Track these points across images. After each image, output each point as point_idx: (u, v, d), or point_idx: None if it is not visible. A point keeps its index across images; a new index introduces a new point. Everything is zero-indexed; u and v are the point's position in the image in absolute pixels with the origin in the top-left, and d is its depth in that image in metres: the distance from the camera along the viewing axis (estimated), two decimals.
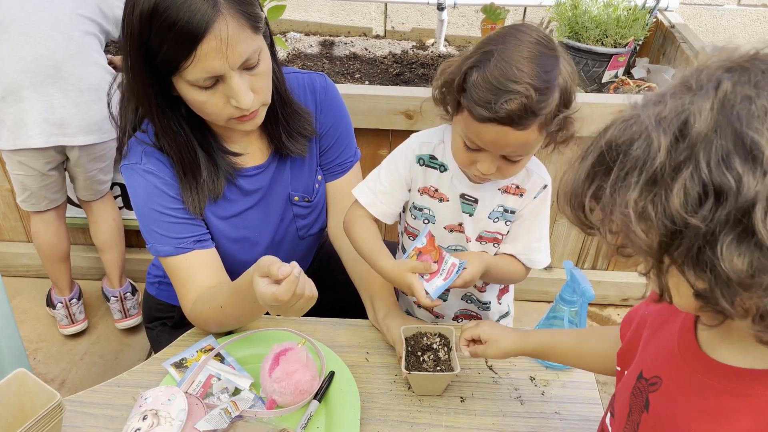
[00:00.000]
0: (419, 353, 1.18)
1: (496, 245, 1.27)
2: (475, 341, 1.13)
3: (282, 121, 1.28)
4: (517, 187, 1.21)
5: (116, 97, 1.24)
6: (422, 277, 1.13)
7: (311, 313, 1.38)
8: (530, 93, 0.98)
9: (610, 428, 0.88)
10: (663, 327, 0.81)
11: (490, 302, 1.38)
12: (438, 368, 1.16)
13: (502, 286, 1.39)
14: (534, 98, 0.98)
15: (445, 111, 1.14)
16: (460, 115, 1.08)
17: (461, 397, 1.19)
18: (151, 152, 1.21)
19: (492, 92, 0.99)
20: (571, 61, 1.07)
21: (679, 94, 0.60)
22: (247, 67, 1.08)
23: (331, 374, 1.19)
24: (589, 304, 2.45)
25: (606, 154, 0.63)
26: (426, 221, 1.27)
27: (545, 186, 1.22)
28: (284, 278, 1.00)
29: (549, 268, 2.51)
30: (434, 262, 1.13)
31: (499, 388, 1.21)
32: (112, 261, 2.31)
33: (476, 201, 1.22)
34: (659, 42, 2.65)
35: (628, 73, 2.60)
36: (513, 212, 1.23)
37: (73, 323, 2.35)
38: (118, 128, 1.26)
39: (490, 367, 1.25)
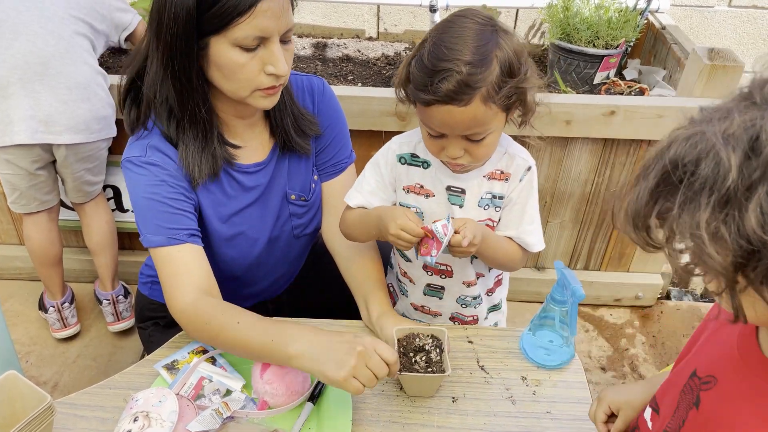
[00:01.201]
0: (411, 354, 1.18)
1: None
2: (609, 417, 1.05)
3: (290, 112, 1.32)
4: (502, 172, 1.23)
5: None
6: (420, 253, 1.16)
7: (304, 314, 1.39)
8: (461, 69, 1.02)
9: (649, 422, 0.87)
10: (721, 329, 0.80)
11: (480, 295, 1.38)
12: (430, 369, 1.16)
13: (496, 278, 1.39)
14: (466, 72, 1.02)
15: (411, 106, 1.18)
16: (416, 108, 1.13)
17: (453, 397, 1.19)
18: (155, 145, 1.22)
19: (428, 75, 1.04)
20: (517, 39, 1.09)
21: (745, 109, 0.58)
22: (284, 39, 1.15)
23: None
24: (582, 304, 2.46)
25: (671, 173, 0.60)
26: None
27: (529, 168, 1.23)
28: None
29: (541, 268, 2.52)
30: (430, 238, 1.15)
31: (491, 388, 1.21)
32: (104, 264, 2.30)
33: (463, 191, 1.23)
34: (650, 43, 2.66)
35: (619, 74, 2.61)
36: (501, 197, 1.25)
37: (66, 327, 2.34)
38: (127, 123, 1.26)
39: (482, 367, 1.25)
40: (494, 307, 1.45)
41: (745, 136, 0.56)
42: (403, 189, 1.27)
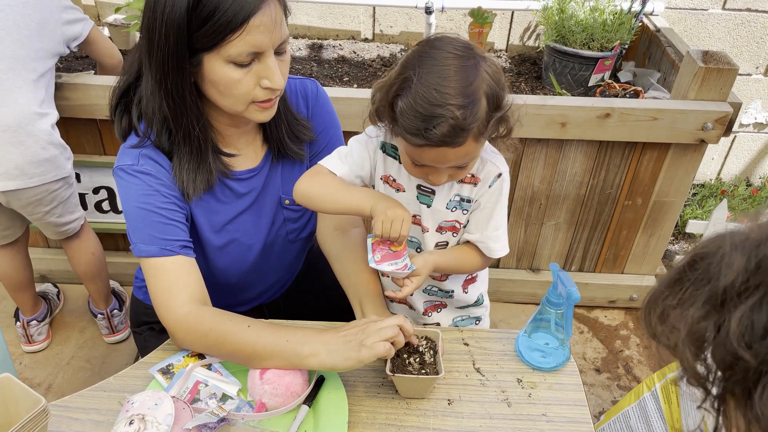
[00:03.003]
0: (405, 356, 1.18)
1: (455, 234, 1.30)
2: None
3: (284, 120, 1.31)
4: (472, 176, 1.23)
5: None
6: (374, 254, 1.17)
7: (300, 316, 1.39)
8: (455, 114, 1.00)
9: None
10: None
11: (453, 291, 1.40)
12: (423, 371, 1.16)
13: (468, 276, 1.41)
14: (460, 117, 1.01)
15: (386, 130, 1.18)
16: (399, 139, 1.12)
17: (448, 400, 1.19)
18: (147, 154, 1.21)
19: (420, 120, 1.02)
20: (493, 62, 1.08)
21: None
22: (279, 51, 1.13)
23: (321, 379, 1.19)
24: (577, 306, 2.47)
25: (687, 266, 0.60)
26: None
27: (500, 174, 1.23)
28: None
29: (536, 270, 2.53)
30: (393, 250, 1.19)
31: (486, 390, 1.21)
32: (95, 289, 2.27)
33: (433, 192, 1.24)
34: (645, 46, 2.67)
35: (614, 76, 2.62)
36: (469, 201, 1.25)
37: (30, 343, 2.31)
38: (118, 131, 1.25)
39: (478, 370, 1.26)
40: (475, 304, 1.46)
41: (755, 243, 0.54)
42: (381, 178, 1.27)
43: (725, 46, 2.94)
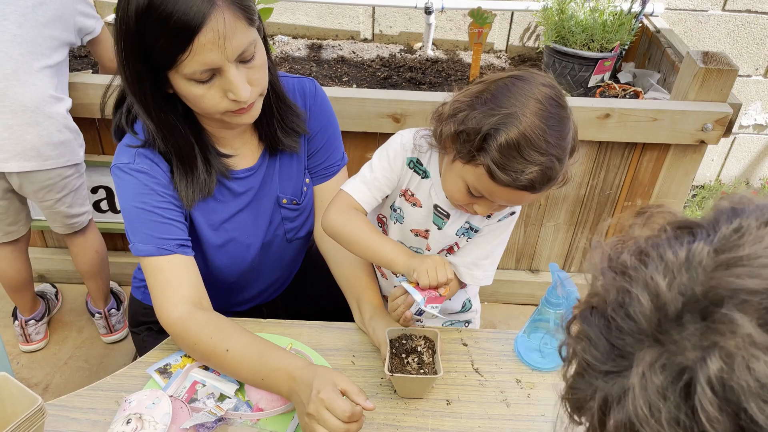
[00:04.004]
0: (403, 355, 1.18)
1: (448, 254, 1.31)
2: None
3: (276, 115, 1.29)
4: None
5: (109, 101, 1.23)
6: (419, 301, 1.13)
7: (298, 316, 1.38)
8: (554, 164, 1.01)
9: None
10: None
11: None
12: (422, 371, 1.16)
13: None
14: (556, 168, 1.02)
15: (442, 149, 1.14)
16: (470, 167, 1.07)
17: (447, 400, 1.19)
18: (144, 153, 1.20)
19: (518, 162, 1.01)
20: (571, 111, 1.07)
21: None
22: (243, 59, 1.08)
23: None
24: None
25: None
26: (395, 221, 1.31)
27: (513, 213, 1.25)
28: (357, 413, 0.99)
29: (536, 271, 2.53)
30: (440, 294, 1.15)
31: (485, 390, 1.21)
32: (95, 287, 2.27)
33: (448, 216, 1.24)
34: (645, 47, 2.67)
35: (614, 77, 2.62)
36: (477, 231, 1.26)
37: (28, 342, 2.31)
38: (112, 130, 1.25)
39: (476, 370, 1.25)
40: (462, 309, 1.46)
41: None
42: (399, 190, 1.26)
43: (725, 48, 2.94)
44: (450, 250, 1.30)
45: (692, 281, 0.45)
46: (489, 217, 1.23)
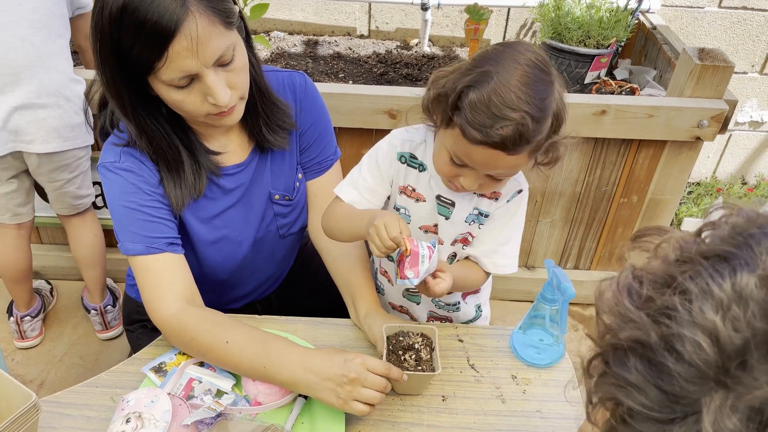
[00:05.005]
0: (400, 352, 1.18)
1: (465, 246, 1.28)
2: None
3: (262, 114, 1.27)
4: (494, 191, 1.21)
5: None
6: (399, 276, 1.09)
7: (293, 313, 1.38)
8: (526, 121, 0.99)
9: None
10: None
11: (458, 303, 1.38)
12: (419, 368, 1.15)
13: None
14: (530, 126, 0.99)
15: (432, 121, 1.14)
16: (449, 131, 1.06)
17: (443, 396, 1.19)
18: (130, 151, 1.19)
19: (488, 116, 0.99)
20: (562, 83, 1.07)
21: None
22: (221, 63, 1.07)
23: None
24: (572, 303, 2.46)
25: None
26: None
27: (520, 191, 1.22)
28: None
29: (531, 267, 2.53)
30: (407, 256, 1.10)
31: (481, 386, 1.21)
32: (92, 277, 2.26)
33: (453, 204, 1.22)
34: (641, 43, 2.67)
35: (610, 74, 2.62)
36: (486, 215, 1.23)
37: (23, 339, 2.30)
38: (95, 129, 1.24)
39: (472, 366, 1.25)
40: (475, 318, 1.45)
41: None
42: (398, 189, 1.25)
43: (721, 44, 2.94)
44: (465, 241, 1.26)
45: (749, 316, 0.43)
46: (497, 200, 1.21)
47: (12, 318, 2.27)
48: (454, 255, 1.29)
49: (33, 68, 1.81)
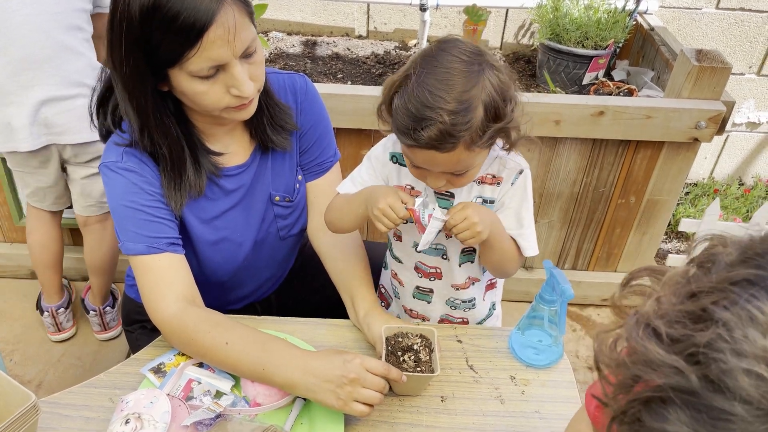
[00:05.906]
0: (399, 353, 1.18)
1: None
2: None
3: (266, 113, 1.28)
4: (493, 176, 1.21)
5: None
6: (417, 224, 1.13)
7: (292, 314, 1.38)
8: (444, 118, 0.99)
9: None
10: None
11: (474, 299, 1.36)
12: (418, 369, 1.15)
13: (488, 282, 1.38)
14: (449, 122, 0.99)
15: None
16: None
17: (442, 397, 1.19)
18: (132, 152, 1.19)
19: (411, 119, 1.01)
20: (502, 70, 1.05)
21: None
22: (246, 55, 1.09)
23: None
24: (570, 304, 2.47)
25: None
26: (406, 222, 1.27)
27: (521, 171, 1.20)
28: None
29: (530, 268, 2.53)
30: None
31: (480, 387, 1.21)
32: (98, 284, 2.26)
33: (452, 195, 1.22)
34: (639, 44, 2.67)
35: (608, 75, 2.62)
36: (492, 202, 1.22)
37: (60, 331, 2.32)
38: (98, 128, 1.24)
39: (471, 367, 1.25)
40: (488, 317, 1.44)
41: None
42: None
43: (719, 46, 2.94)
44: None
45: None
46: (499, 184, 1.20)
47: (46, 312, 2.27)
48: (472, 249, 1.27)
49: (57, 60, 1.83)
